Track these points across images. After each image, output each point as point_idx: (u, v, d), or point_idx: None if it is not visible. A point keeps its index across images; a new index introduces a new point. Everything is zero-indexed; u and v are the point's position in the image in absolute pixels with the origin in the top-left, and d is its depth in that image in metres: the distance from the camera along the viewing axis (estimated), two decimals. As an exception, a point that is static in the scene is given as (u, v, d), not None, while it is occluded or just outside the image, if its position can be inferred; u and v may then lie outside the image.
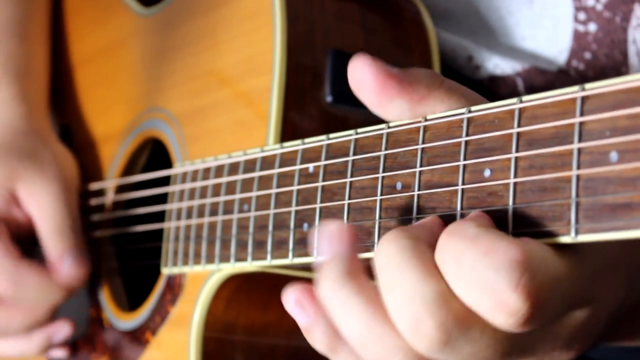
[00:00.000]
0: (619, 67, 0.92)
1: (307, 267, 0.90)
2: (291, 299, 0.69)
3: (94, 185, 1.18)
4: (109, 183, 1.15)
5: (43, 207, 1.09)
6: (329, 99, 0.92)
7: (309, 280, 0.92)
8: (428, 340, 0.59)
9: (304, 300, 0.68)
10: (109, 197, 1.15)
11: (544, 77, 0.97)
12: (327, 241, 0.66)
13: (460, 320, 0.59)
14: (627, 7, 0.90)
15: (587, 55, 0.93)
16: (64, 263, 1.08)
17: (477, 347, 0.60)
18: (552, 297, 0.58)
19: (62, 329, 1.11)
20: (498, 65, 0.99)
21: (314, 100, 0.91)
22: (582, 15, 0.92)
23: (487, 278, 0.57)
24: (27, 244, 1.11)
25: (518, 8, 0.98)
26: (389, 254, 0.61)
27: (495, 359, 0.61)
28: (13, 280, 1.05)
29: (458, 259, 0.58)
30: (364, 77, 0.67)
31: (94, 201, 1.18)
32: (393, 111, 0.68)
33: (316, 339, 0.68)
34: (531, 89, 0.98)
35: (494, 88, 1.01)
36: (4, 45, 1.18)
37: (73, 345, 1.17)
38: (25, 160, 1.11)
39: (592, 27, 0.92)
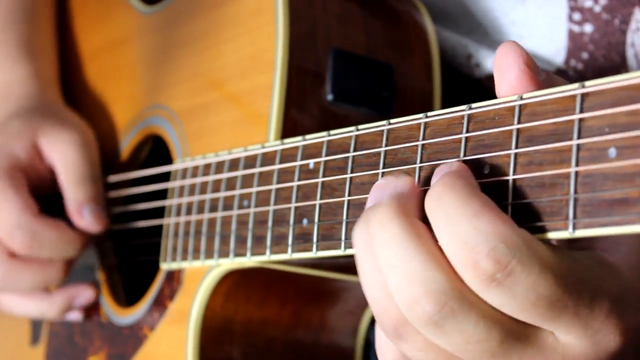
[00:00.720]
0: (618, 69, 0.93)
1: (306, 263, 0.90)
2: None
3: (108, 178, 1.18)
4: (110, 179, 1.16)
5: (65, 156, 1.11)
6: (329, 97, 0.92)
7: (310, 278, 0.93)
8: (422, 319, 0.61)
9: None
10: (109, 193, 1.16)
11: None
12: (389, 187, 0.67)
13: (459, 300, 0.61)
14: (627, 10, 0.91)
15: (585, 56, 0.94)
16: (84, 212, 1.09)
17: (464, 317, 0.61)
18: (523, 277, 0.59)
19: (85, 293, 1.12)
20: None
21: (315, 98, 0.92)
22: (577, 16, 0.93)
23: (468, 234, 0.59)
24: (48, 194, 1.12)
25: (511, 7, 0.98)
26: (391, 231, 0.63)
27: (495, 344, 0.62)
28: (30, 237, 1.06)
29: (449, 215, 0.61)
30: (511, 66, 0.66)
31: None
32: None
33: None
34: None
35: (493, 87, 1.01)
36: (18, 27, 1.21)
37: (71, 339, 1.17)
38: (46, 116, 1.13)
39: (587, 27, 0.93)
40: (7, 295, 1.13)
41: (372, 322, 1.00)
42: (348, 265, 0.92)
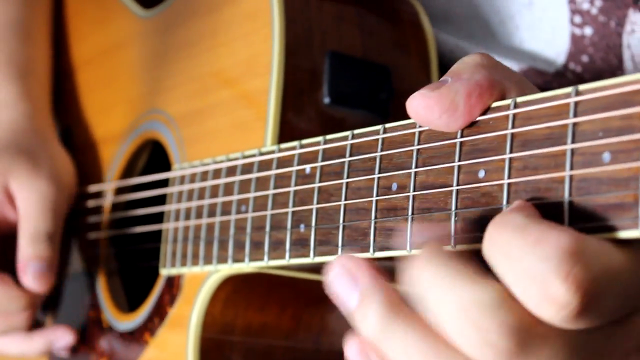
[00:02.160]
0: (615, 71, 0.92)
1: (304, 268, 0.90)
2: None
3: (93, 187, 1.18)
4: (108, 185, 1.16)
5: (27, 208, 1.08)
6: (326, 100, 0.92)
7: (308, 282, 0.92)
8: (496, 351, 0.55)
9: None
10: (108, 199, 1.16)
11: (542, 79, 0.97)
12: (346, 281, 0.63)
13: (527, 323, 0.55)
14: (621, 12, 0.90)
15: (584, 59, 0.94)
16: (28, 269, 1.07)
17: (549, 351, 0.56)
18: (609, 290, 0.54)
19: (64, 337, 1.11)
20: None
21: (312, 101, 0.92)
22: (577, 19, 0.92)
23: (536, 269, 0.53)
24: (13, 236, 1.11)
25: (518, 11, 0.98)
26: (431, 273, 0.58)
27: None
28: None
29: (506, 250, 0.55)
30: (417, 112, 0.65)
31: (92, 203, 1.18)
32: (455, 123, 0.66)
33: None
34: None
35: None
36: (6, 44, 1.18)
37: (73, 346, 1.17)
38: (22, 157, 1.11)
39: (588, 30, 0.92)
40: None
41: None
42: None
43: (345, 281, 0.63)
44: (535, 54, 0.97)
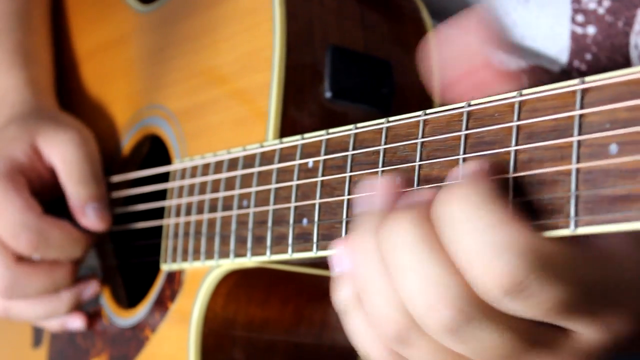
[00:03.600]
0: None
1: (306, 263, 0.90)
2: (339, 245, 0.69)
3: (111, 178, 1.18)
4: (108, 179, 1.15)
5: (65, 156, 1.10)
6: (328, 94, 0.92)
7: (310, 277, 0.92)
8: (437, 326, 0.61)
9: (345, 253, 0.68)
10: (110, 194, 1.15)
11: (549, 77, 0.97)
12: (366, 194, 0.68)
13: (474, 308, 0.60)
14: (630, 13, 0.90)
15: (588, 57, 0.93)
16: (88, 211, 1.08)
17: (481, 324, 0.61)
18: (542, 283, 0.58)
19: (91, 286, 1.12)
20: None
21: (313, 96, 0.91)
22: (580, 18, 0.92)
23: (479, 247, 0.59)
24: (50, 197, 1.12)
25: (514, 8, 0.98)
26: (403, 237, 0.62)
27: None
28: (36, 237, 1.05)
29: (460, 225, 0.60)
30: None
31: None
32: None
33: (339, 295, 0.69)
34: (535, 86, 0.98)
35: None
36: (12, 33, 1.20)
37: (73, 341, 1.16)
38: (44, 120, 1.13)
39: (591, 30, 0.92)
40: (16, 302, 1.11)
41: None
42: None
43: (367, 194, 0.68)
44: (538, 52, 0.97)
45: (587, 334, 0.63)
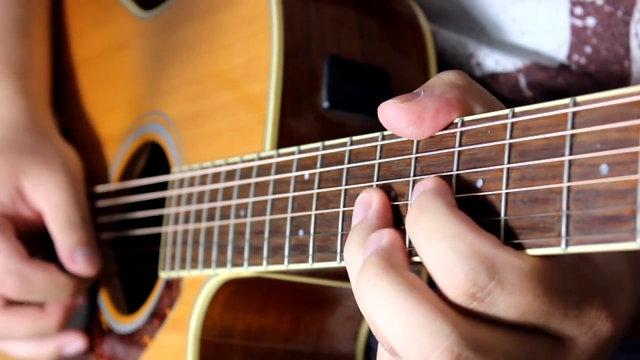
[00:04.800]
0: (621, 61, 0.92)
1: (302, 273, 0.90)
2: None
3: (96, 188, 1.18)
4: (108, 186, 1.16)
5: (52, 200, 1.08)
6: (325, 104, 0.92)
7: (308, 286, 0.93)
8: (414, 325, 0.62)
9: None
10: (108, 201, 1.16)
11: (546, 74, 0.97)
12: (361, 207, 0.70)
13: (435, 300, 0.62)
14: (629, 1, 0.90)
15: (588, 50, 0.94)
16: (77, 257, 1.07)
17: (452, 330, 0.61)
18: (507, 291, 0.60)
19: (74, 342, 1.12)
20: (499, 62, 1.00)
21: (311, 105, 0.92)
22: (579, 10, 0.92)
23: (447, 256, 0.60)
24: (35, 240, 1.11)
25: (512, 4, 0.98)
26: (383, 293, 0.63)
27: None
28: (20, 281, 1.05)
29: (428, 236, 0.61)
30: (386, 120, 0.69)
31: (96, 204, 1.18)
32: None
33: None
34: (534, 85, 0.99)
35: (495, 85, 1.01)
36: (5, 42, 1.19)
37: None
38: (28, 155, 1.10)
39: (590, 21, 0.92)
40: (2, 342, 1.12)
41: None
42: (346, 273, 0.92)
43: (361, 207, 0.70)
44: (537, 48, 0.97)
45: (579, 337, 0.64)
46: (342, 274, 0.92)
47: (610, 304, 0.64)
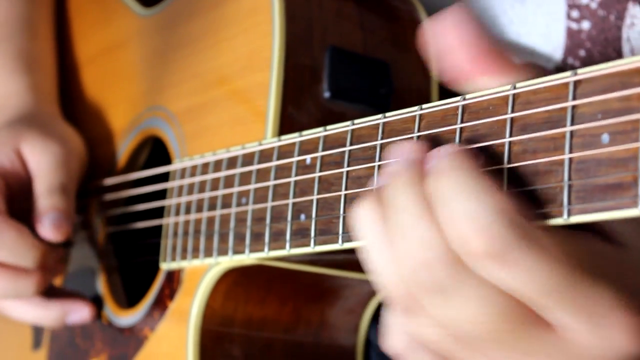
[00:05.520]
0: None
1: (303, 260, 0.90)
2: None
3: (95, 184, 1.19)
4: (109, 181, 1.16)
5: (40, 165, 1.10)
6: (326, 95, 0.92)
7: (309, 275, 0.93)
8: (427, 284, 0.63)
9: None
10: (110, 195, 1.16)
11: (543, 74, 0.98)
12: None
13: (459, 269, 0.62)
14: (621, 6, 0.91)
15: (582, 53, 0.94)
16: (44, 220, 1.08)
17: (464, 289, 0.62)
18: (522, 256, 0.59)
19: (80, 310, 1.11)
20: None
21: (312, 96, 0.92)
22: (575, 13, 0.93)
23: (466, 212, 0.60)
24: (27, 202, 1.12)
25: (510, 6, 0.99)
26: (403, 199, 0.64)
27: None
28: None
29: (458, 190, 0.61)
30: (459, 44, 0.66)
31: (94, 199, 1.19)
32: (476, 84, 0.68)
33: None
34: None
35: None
36: (15, 40, 1.21)
37: (72, 342, 1.17)
38: (32, 126, 1.13)
39: (585, 25, 0.93)
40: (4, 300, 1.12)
41: (373, 320, 1.00)
42: (348, 262, 0.92)
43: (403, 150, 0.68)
44: (532, 49, 0.98)
45: (574, 329, 0.61)
46: (344, 264, 0.93)
47: (628, 300, 0.61)
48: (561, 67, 0.97)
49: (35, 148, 1.11)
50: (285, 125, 0.91)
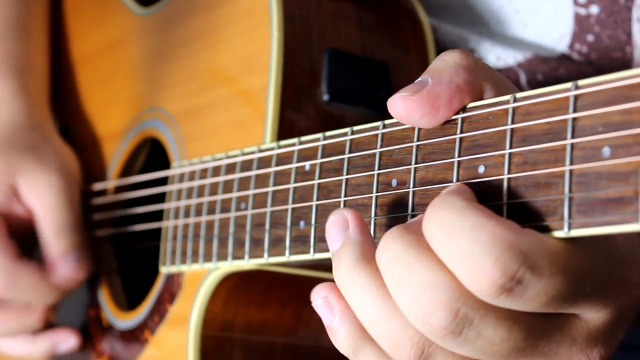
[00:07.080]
0: (623, 47, 0.93)
1: (304, 265, 0.90)
2: (319, 297, 0.69)
3: (93, 186, 1.18)
4: (108, 183, 1.16)
5: (44, 202, 1.08)
6: (325, 97, 0.92)
7: (309, 279, 0.93)
8: (440, 331, 0.60)
9: (331, 298, 0.68)
10: (108, 197, 1.16)
11: (547, 66, 0.97)
12: (338, 228, 0.68)
13: (472, 307, 0.60)
14: None
15: (590, 38, 0.94)
16: (63, 264, 1.07)
17: (481, 323, 0.60)
18: (536, 278, 0.58)
19: (68, 340, 1.11)
20: (500, 57, 1.00)
21: (311, 98, 0.92)
22: None
23: (469, 249, 0.58)
24: (28, 239, 1.10)
25: None
26: (395, 249, 0.62)
27: (509, 351, 0.62)
28: (8, 280, 1.04)
29: (445, 230, 0.60)
30: (398, 113, 0.67)
31: (92, 201, 1.18)
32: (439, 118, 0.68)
33: (340, 339, 0.68)
34: (533, 82, 0.99)
35: None
36: (3, 42, 1.18)
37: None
38: (26, 154, 1.10)
39: (594, 9, 0.93)
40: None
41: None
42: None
43: (338, 228, 0.68)
44: (539, 40, 0.97)
45: (592, 315, 0.63)
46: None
47: (629, 276, 0.63)
48: (567, 55, 0.96)
49: (34, 183, 1.08)
50: (284, 128, 0.90)
